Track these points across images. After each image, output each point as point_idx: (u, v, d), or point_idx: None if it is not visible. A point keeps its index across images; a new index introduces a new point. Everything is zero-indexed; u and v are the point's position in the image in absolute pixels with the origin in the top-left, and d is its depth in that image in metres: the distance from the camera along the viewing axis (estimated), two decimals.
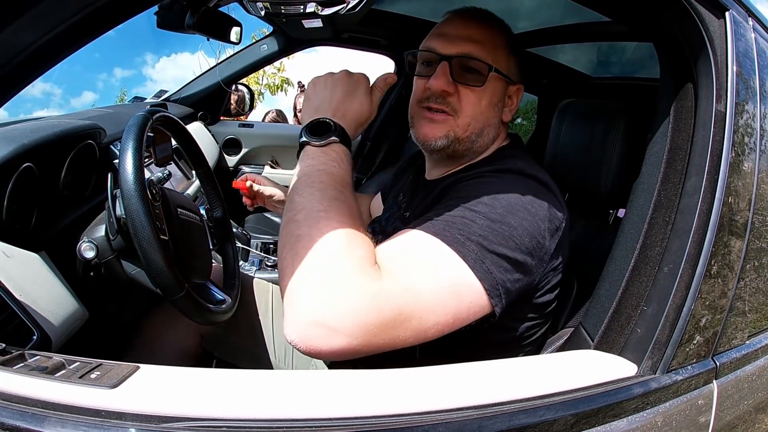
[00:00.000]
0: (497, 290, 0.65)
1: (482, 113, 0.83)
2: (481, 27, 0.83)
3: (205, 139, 2.08)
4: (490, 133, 0.87)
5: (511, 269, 0.67)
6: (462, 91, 0.82)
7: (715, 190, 0.70)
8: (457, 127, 0.83)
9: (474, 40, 0.81)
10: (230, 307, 0.93)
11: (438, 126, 0.83)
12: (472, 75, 0.81)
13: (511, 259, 0.67)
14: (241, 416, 0.49)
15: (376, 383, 0.55)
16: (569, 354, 0.73)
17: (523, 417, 0.53)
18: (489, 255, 0.65)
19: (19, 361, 0.55)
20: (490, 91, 0.83)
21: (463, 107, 0.82)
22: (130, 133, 0.81)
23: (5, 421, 0.47)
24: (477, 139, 0.85)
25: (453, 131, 0.83)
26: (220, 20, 1.15)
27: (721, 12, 0.75)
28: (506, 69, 0.84)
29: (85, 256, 0.86)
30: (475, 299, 0.64)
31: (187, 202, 0.97)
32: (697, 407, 0.72)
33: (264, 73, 5.82)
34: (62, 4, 0.57)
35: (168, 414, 0.49)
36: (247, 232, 1.56)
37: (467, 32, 0.82)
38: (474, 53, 0.81)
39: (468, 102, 0.82)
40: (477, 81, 0.81)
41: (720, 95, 0.72)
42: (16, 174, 0.87)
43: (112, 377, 0.52)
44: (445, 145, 0.84)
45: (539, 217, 0.71)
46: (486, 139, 0.87)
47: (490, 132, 0.87)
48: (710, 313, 0.72)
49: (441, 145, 0.83)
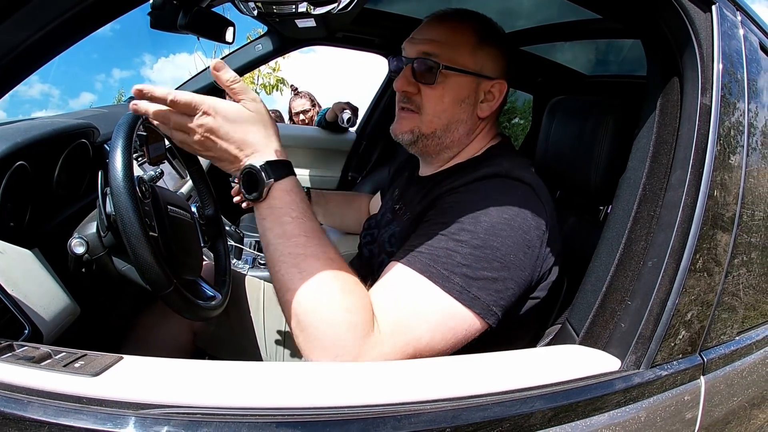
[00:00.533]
0: (489, 311, 0.70)
1: (445, 110, 0.86)
2: (443, 28, 0.87)
3: None
4: (459, 129, 0.89)
5: (502, 288, 0.71)
6: (423, 90, 0.86)
7: (700, 183, 0.69)
8: (421, 124, 0.87)
9: (432, 41, 0.85)
10: (220, 303, 0.93)
11: (404, 122, 0.89)
12: (429, 74, 0.85)
13: (498, 279, 0.71)
14: (217, 404, 0.50)
15: (351, 374, 0.55)
16: (552, 348, 0.73)
17: (497, 409, 0.53)
18: (475, 282, 0.69)
19: (8, 351, 0.57)
20: (454, 88, 0.85)
21: (425, 105, 0.87)
22: (120, 132, 0.82)
23: None
24: (444, 135, 0.88)
25: (417, 127, 0.88)
26: (213, 20, 1.16)
27: (707, 6, 0.75)
28: (469, 65, 0.85)
29: (76, 252, 0.87)
30: (470, 325, 0.70)
31: (178, 199, 0.98)
32: (683, 403, 0.71)
33: (259, 73, 5.84)
34: (52, 2, 0.58)
35: (145, 401, 0.50)
36: (240, 231, 1.56)
37: (429, 34, 0.87)
38: (429, 52, 0.84)
39: (428, 100, 0.86)
40: (430, 79, 0.85)
41: (705, 89, 0.72)
42: (10, 172, 0.88)
43: (95, 366, 0.53)
44: (412, 140, 0.89)
45: (524, 229, 0.74)
46: (456, 134, 0.89)
47: (459, 128, 0.88)
48: (696, 308, 0.72)
49: (408, 139, 0.89)
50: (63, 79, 10.92)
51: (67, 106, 18.23)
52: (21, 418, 0.48)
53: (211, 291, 0.96)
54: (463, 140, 0.90)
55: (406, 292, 0.69)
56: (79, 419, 0.48)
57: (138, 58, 14.10)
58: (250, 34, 2.08)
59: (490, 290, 0.70)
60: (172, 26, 1.08)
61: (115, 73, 14.48)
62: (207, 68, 2.12)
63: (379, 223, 1.01)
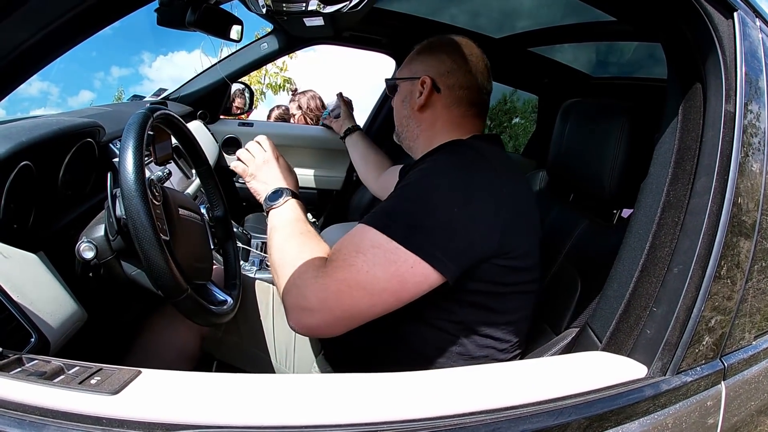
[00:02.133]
0: (433, 256, 0.75)
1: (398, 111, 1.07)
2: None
3: (205, 137, 2.05)
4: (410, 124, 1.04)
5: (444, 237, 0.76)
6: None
7: (725, 190, 0.69)
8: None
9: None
10: (232, 307, 0.91)
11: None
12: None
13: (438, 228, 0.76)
14: (252, 423, 0.48)
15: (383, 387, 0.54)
16: (578, 356, 0.73)
17: (537, 420, 0.53)
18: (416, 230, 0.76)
19: (17, 366, 0.53)
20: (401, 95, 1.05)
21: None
22: (131, 132, 0.80)
23: (2, 428, 0.45)
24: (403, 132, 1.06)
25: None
26: (221, 18, 1.14)
27: (729, 12, 0.75)
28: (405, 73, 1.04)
29: (85, 256, 0.84)
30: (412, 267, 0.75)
31: (188, 201, 0.95)
32: (706, 408, 0.71)
33: (266, 73, 5.78)
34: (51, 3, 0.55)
35: (173, 421, 0.48)
36: (247, 232, 1.54)
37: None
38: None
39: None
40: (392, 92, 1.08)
41: (729, 95, 0.72)
42: (14, 172, 0.85)
43: (113, 383, 0.51)
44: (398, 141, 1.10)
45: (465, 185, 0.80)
46: (411, 133, 1.04)
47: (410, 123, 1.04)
48: (719, 314, 0.72)
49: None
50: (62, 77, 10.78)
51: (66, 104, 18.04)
52: None
53: (222, 295, 0.94)
54: (418, 135, 1.03)
55: (352, 238, 0.80)
56: None
57: (137, 56, 14.00)
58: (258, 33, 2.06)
59: (433, 238, 0.76)
60: (180, 23, 1.06)
61: (114, 71, 14.31)
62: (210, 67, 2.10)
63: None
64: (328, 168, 2.50)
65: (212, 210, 1.03)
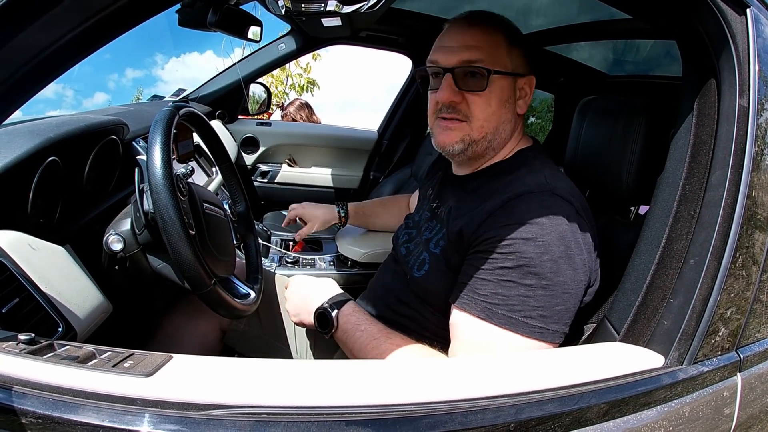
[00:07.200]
0: (562, 335, 0.77)
1: (494, 113, 0.87)
2: (475, 32, 0.87)
3: (224, 137, 2.09)
4: (506, 129, 0.90)
5: (572, 312, 0.77)
6: (469, 98, 0.86)
7: (740, 183, 0.70)
8: (472, 131, 0.87)
9: (471, 47, 0.85)
10: (254, 300, 0.93)
11: (453, 133, 0.88)
12: (475, 80, 0.85)
13: (569, 308, 0.77)
14: (282, 403, 0.50)
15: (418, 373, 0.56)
16: (597, 346, 0.74)
17: (557, 404, 0.54)
18: (551, 318, 0.75)
19: (49, 351, 0.55)
20: (497, 92, 0.86)
21: (473, 112, 0.86)
22: (158, 128, 0.82)
23: (36, 410, 0.47)
24: (494, 137, 0.89)
25: (468, 135, 0.88)
26: (242, 18, 1.16)
27: (742, 9, 0.76)
28: (508, 65, 0.87)
29: (113, 248, 0.87)
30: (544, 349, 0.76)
31: (212, 197, 0.98)
32: (722, 399, 0.72)
33: (290, 74, 5.78)
34: (77, 8, 0.57)
35: (207, 402, 0.49)
36: (267, 229, 1.56)
37: (463, 40, 0.86)
38: (473, 59, 0.84)
39: (477, 107, 0.86)
40: (479, 86, 0.85)
41: (743, 90, 0.73)
42: (42, 167, 0.88)
43: (146, 366, 0.52)
44: (463, 149, 0.89)
45: (578, 253, 0.77)
46: (503, 135, 0.91)
47: (506, 127, 0.90)
48: (734, 306, 0.73)
49: (458, 149, 0.89)
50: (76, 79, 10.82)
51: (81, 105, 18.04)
52: (72, 422, 0.46)
53: (245, 288, 0.97)
54: (507, 139, 0.91)
55: (493, 347, 0.75)
56: (136, 422, 0.47)
57: (149, 58, 14.07)
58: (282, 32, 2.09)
59: (564, 318, 0.76)
60: (201, 24, 1.08)
61: (129, 72, 14.40)
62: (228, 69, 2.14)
63: (418, 223, 1.02)
64: (345, 167, 2.54)
65: (234, 206, 1.06)
